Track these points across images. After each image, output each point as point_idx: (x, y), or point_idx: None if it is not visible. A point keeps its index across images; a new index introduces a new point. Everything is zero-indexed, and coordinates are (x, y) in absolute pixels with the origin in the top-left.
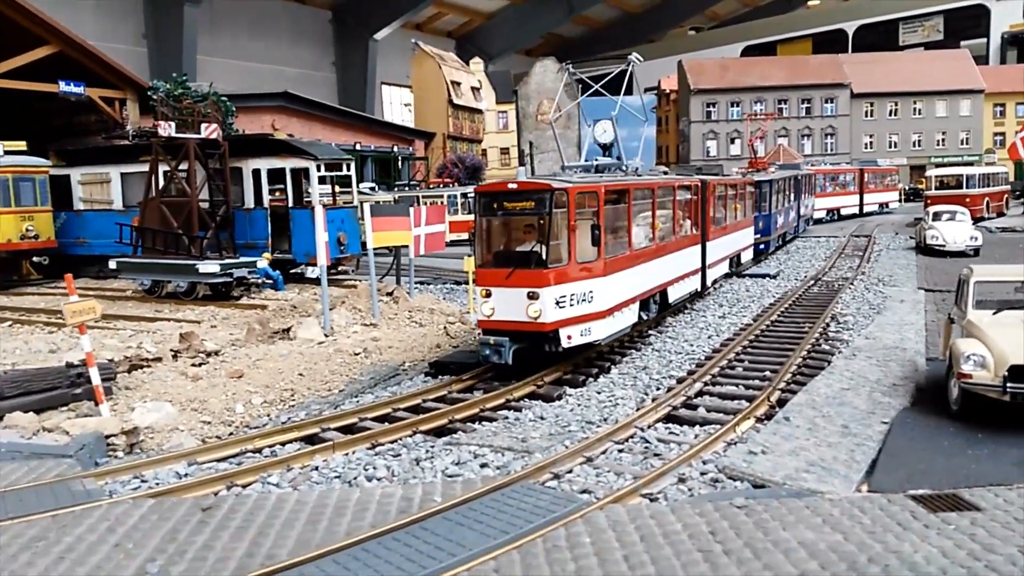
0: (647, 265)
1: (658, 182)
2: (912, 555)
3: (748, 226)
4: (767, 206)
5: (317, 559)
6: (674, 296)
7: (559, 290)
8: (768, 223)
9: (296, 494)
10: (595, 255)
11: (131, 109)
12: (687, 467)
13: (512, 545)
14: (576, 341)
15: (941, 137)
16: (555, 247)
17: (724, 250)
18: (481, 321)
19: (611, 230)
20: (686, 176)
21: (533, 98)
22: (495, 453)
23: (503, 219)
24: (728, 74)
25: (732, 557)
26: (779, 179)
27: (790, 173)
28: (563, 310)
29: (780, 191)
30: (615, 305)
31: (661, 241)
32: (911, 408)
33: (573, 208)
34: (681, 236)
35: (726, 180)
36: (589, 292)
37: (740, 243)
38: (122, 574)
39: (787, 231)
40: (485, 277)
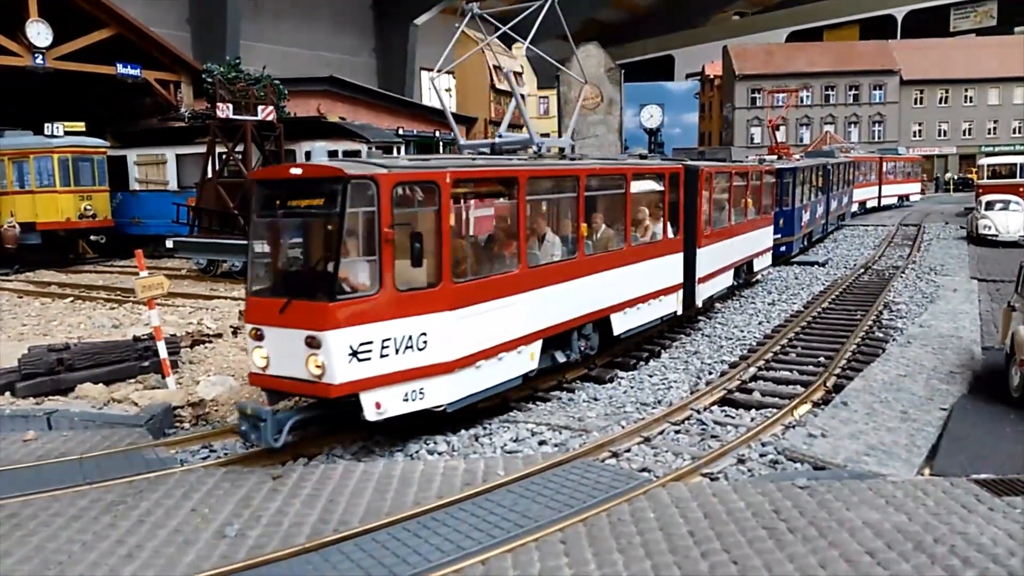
0: (562, 288)
1: (573, 169)
2: (979, 537)
3: (765, 225)
4: (790, 200)
5: (388, 526)
6: (625, 325)
7: (356, 333)
8: (791, 220)
9: (362, 465)
10: (434, 278)
11: (185, 92)
12: (746, 448)
13: (577, 518)
14: (395, 409)
15: (993, 125)
16: (352, 267)
17: (725, 258)
18: (253, 375)
19: (478, 238)
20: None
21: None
22: (552, 431)
23: (285, 222)
24: (774, 60)
25: (797, 535)
26: (805, 168)
27: (819, 161)
28: (365, 364)
29: (806, 182)
30: (478, 352)
31: (596, 251)
32: (969, 395)
33: (388, 206)
34: (643, 243)
35: (730, 167)
36: (420, 335)
37: (752, 247)
38: (200, 536)
39: (815, 229)
40: (255, 310)
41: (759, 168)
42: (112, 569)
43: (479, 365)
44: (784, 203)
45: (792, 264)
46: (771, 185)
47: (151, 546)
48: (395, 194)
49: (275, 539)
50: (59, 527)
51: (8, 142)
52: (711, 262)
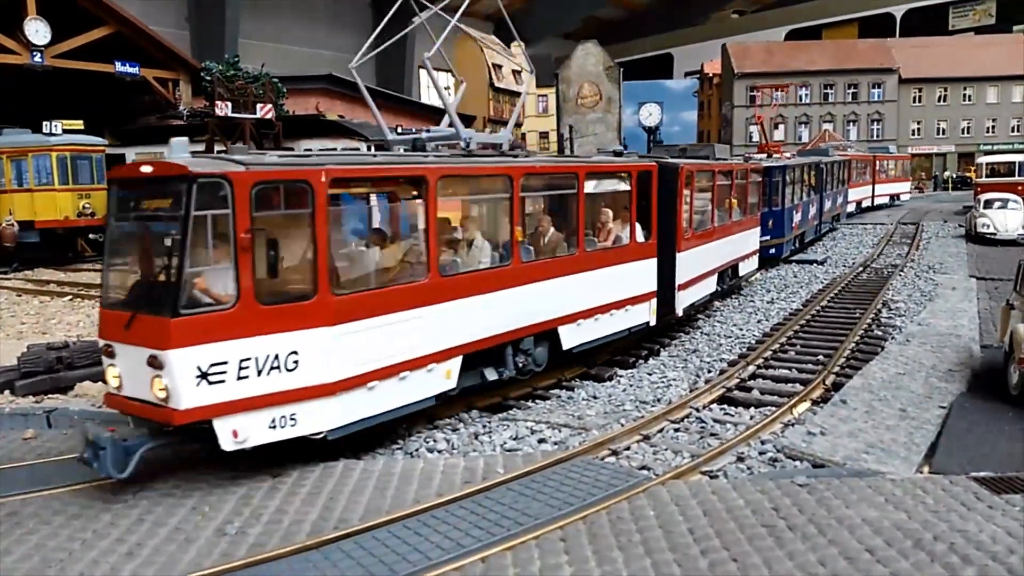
0: (489, 298)
1: (503, 167)
2: (978, 534)
3: (751, 227)
4: (779, 200)
5: (388, 524)
6: (578, 338)
7: (205, 352)
8: (780, 221)
9: (362, 463)
10: (308, 290)
11: (184, 90)
12: (745, 446)
13: (577, 516)
14: (258, 438)
15: (991, 124)
16: (205, 277)
17: (708, 262)
18: (108, 396)
19: (370, 245)
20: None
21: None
22: (552, 429)
23: (135, 226)
24: (773, 58)
25: (796, 532)
26: (796, 166)
27: (811, 159)
28: (218, 387)
29: (798, 181)
30: (370, 371)
31: (541, 257)
32: (968, 393)
33: (245, 209)
34: (602, 248)
35: (713, 166)
36: (290, 354)
37: (737, 250)
38: (201, 534)
39: (807, 231)
40: (106, 324)
41: (744, 166)
42: (113, 567)
43: (372, 386)
44: (773, 203)
45: (791, 263)
46: (758, 184)
47: (152, 544)
48: (255, 195)
49: (275, 537)
50: (59, 525)
51: (6, 140)
52: (693, 267)
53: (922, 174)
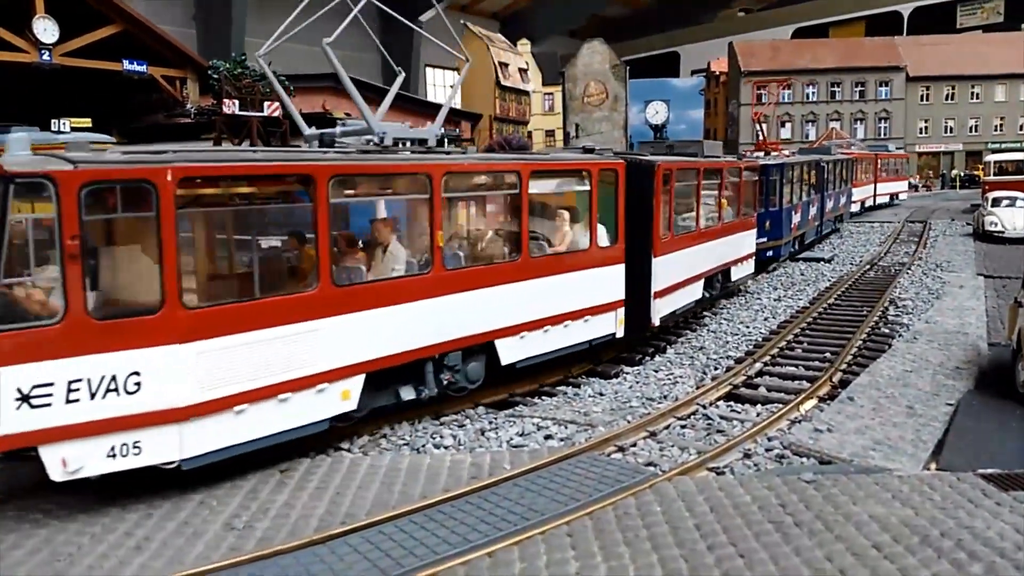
0: (400, 310)
1: (419, 165)
2: (985, 531)
3: (745, 228)
4: (777, 200)
5: (395, 519)
6: (521, 352)
7: (26, 372)
8: (778, 222)
9: (368, 459)
10: (154, 303)
11: (191, 88)
12: (752, 443)
13: (584, 512)
14: (94, 467)
15: (999, 122)
16: (25, 289)
17: (692, 267)
18: None
19: (237, 252)
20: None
21: (580, 80)
22: (558, 426)
23: None
24: (780, 56)
25: (803, 528)
26: (795, 165)
27: (812, 157)
28: (43, 411)
29: (797, 180)
30: (237, 393)
31: (472, 264)
32: (976, 391)
33: (73, 212)
34: (553, 254)
35: (698, 163)
36: (130, 375)
37: (728, 253)
38: (209, 528)
39: (807, 232)
40: None
41: (737, 164)
42: (121, 560)
43: (241, 410)
44: (771, 203)
45: (797, 260)
46: (754, 184)
47: (159, 538)
48: (84, 197)
49: (283, 531)
50: (67, 519)
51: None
52: (673, 273)
53: (930, 172)
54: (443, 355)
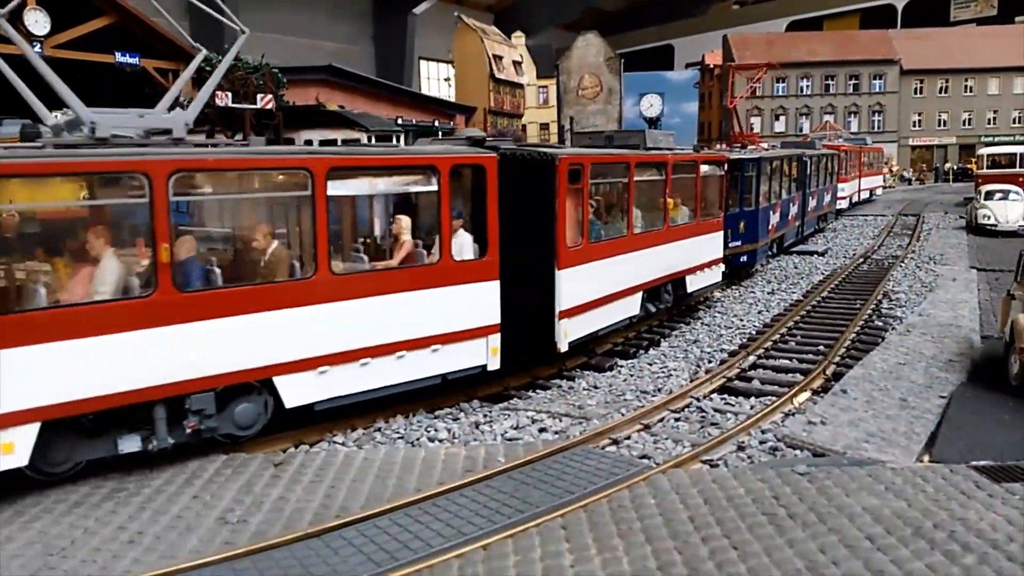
0: (84, 345)
1: (128, 162)
2: (978, 522)
3: (709, 231)
4: (752, 198)
5: (390, 512)
6: (316, 392)
7: None
8: (753, 224)
9: (363, 452)
10: None
11: None
12: (746, 436)
13: (578, 504)
14: None
15: (992, 116)
16: None
17: (621, 279)
18: None
19: None
20: (402, 148)
21: (574, 73)
22: (553, 419)
23: None
24: (774, 49)
25: (797, 521)
26: (773, 159)
27: (793, 151)
28: None
29: (776, 176)
30: None
31: (231, 284)
32: (969, 383)
33: None
34: (372, 271)
35: (629, 157)
36: None
37: (683, 260)
38: (202, 522)
39: (787, 233)
40: None
41: (690, 157)
42: (115, 554)
43: None
44: (745, 202)
45: (791, 254)
46: (720, 180)
47: (153, 532)
48: None
49: (277, 525)
50: (61, 513)
51: (6, 131)
52: (589, 287)
53: (923, 166)
54: (182, 397)
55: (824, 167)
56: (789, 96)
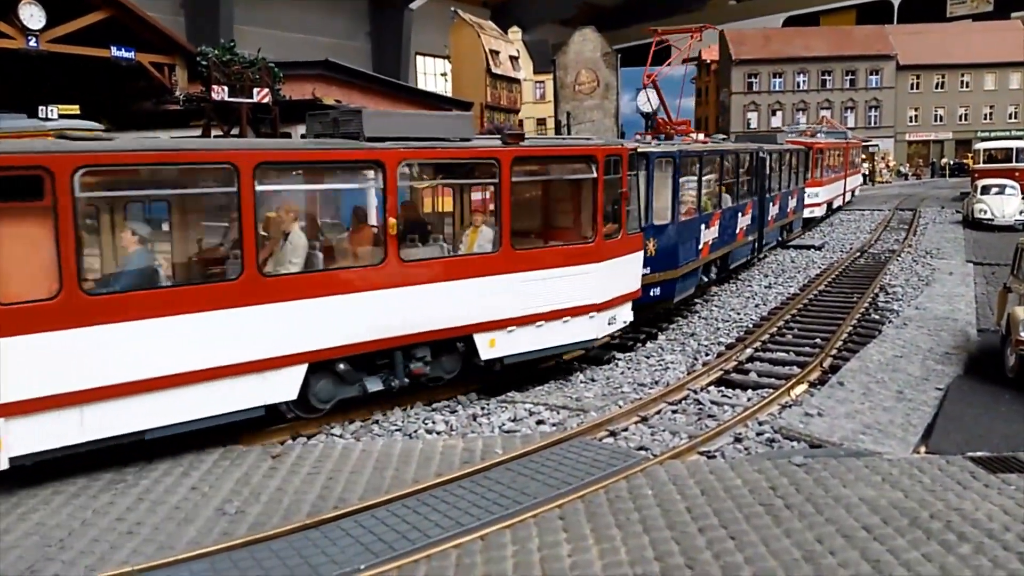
0: None
1: None
2: (974, 512)
3: (572, 262)
4: (670, 209)
5: (388, 503)
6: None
7: None
8: (671, 245)
9: (360, 444)
10: None
11: (180, 75)
12: (743, 427)
13: (576, 495)
14: None
15: (988, 111)
16: None
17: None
18: None
19: None
20: None
21: (571, 68)
22: (550, 411)
23: None
24: (770, 44)
25: (794, 511)
26: (703, 154)
27: (745, 145)
28: None
29: (715, 177)
30: None
31: None
32: (965, 376)
33: None
34: None
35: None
36: None
37: (479, 307)
38: (200, 513)
39: (734, 251)
40: None
41: (487, 152)
42: (113, 545)
43: None
44: (660, 215)
45: (788, 248)
46: (604, 186)
47: (151, 523)
48: None
49: (275, 516)
50: (59, 504)
51: (2, 125)
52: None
53: (919, 161)
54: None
55: (790, 165)
56: (786, 91)
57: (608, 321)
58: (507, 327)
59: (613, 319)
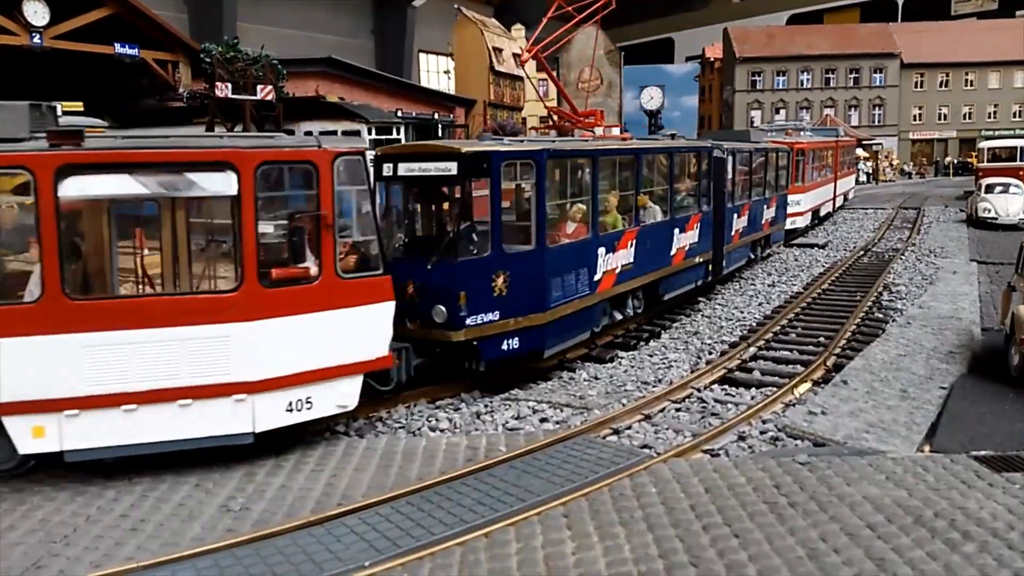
0: None
1: None
2: (978, 511)
3: (227, 317)
4: (531, 235)
5: (392, 500)
6: None
7: None
8: (545, 275)
9: (364, 441)
10: None
11: (183, 72)
12: (747, 426)
13: (579, 492)
14: None
15: (993, 110)
16: None
17: None
18: None
19: None
20: None
21: (575, 66)
22: (554, 409)
23: None
24: (774, 42)
25: (798, 509)
26: (612, 154)
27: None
28: None
29: (632, 184)
30: None
31: None
32: (969, 375)
33: None
34: None
35: None
36: None
37: None
38: (205, 510)
39: (673, 276)
40: None
41: None
42: (117, 542)
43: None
44: (515, 237)
45: (792, 246)
46: (232, 206)
47: (155, 519)
48: None
49: (279, 513)
50: (63, 501)
51: None
52: None
53: (923, 160)
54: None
55: (765, 169)
56: (789, 90)
57: (291, 406)
58: (66, 409)
59: (304, 403)
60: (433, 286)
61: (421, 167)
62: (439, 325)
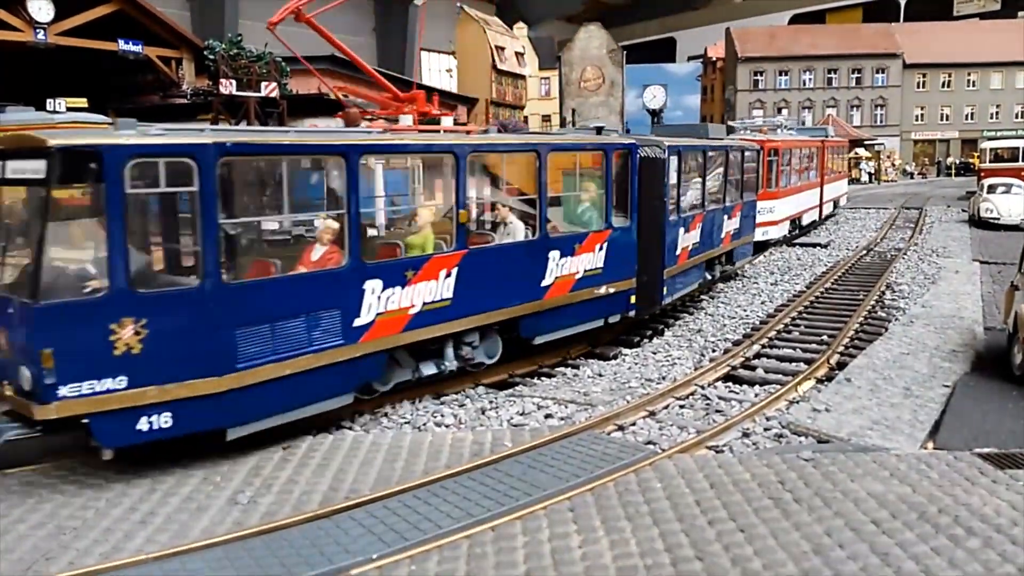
0: None
1: None
2: (982, 507)
3: None
4: (197, 269)
5: (399, 494)
6: None
7: None
8: (218, 326)
9: (370, 436)
10: None
11: (187, 69)
12: (751, 422)
13: (585, 487)
14: None
15: (995, 110)
16: None
17: None
18: None
19: None
20: None
21: (576, 65)
22: (558, 405)
23: None
24: (776, 42)
25: (803, 505)
26: (448, 151)
27: (607, 140)
28: None
29: (444, 194)
30: None
31: None
32: (972, 373)
33: None
34: None
35: None
36: None
37: None
38: (213, 503)
39: (555, 327)
40: None
41: None
42: (126, 534)
43: None
44: (145, 274)
45: (794, 245)
46: None
47: (164, 512)
48: None
49: (287, 506)
50: (71, 494)
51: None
52: None
53: (925, 160)
54: None
55: (726, 171)
56: (791, 89)
57: None
58: None
59: None
60: (12, 339)
61: None
62: (25, 393)
